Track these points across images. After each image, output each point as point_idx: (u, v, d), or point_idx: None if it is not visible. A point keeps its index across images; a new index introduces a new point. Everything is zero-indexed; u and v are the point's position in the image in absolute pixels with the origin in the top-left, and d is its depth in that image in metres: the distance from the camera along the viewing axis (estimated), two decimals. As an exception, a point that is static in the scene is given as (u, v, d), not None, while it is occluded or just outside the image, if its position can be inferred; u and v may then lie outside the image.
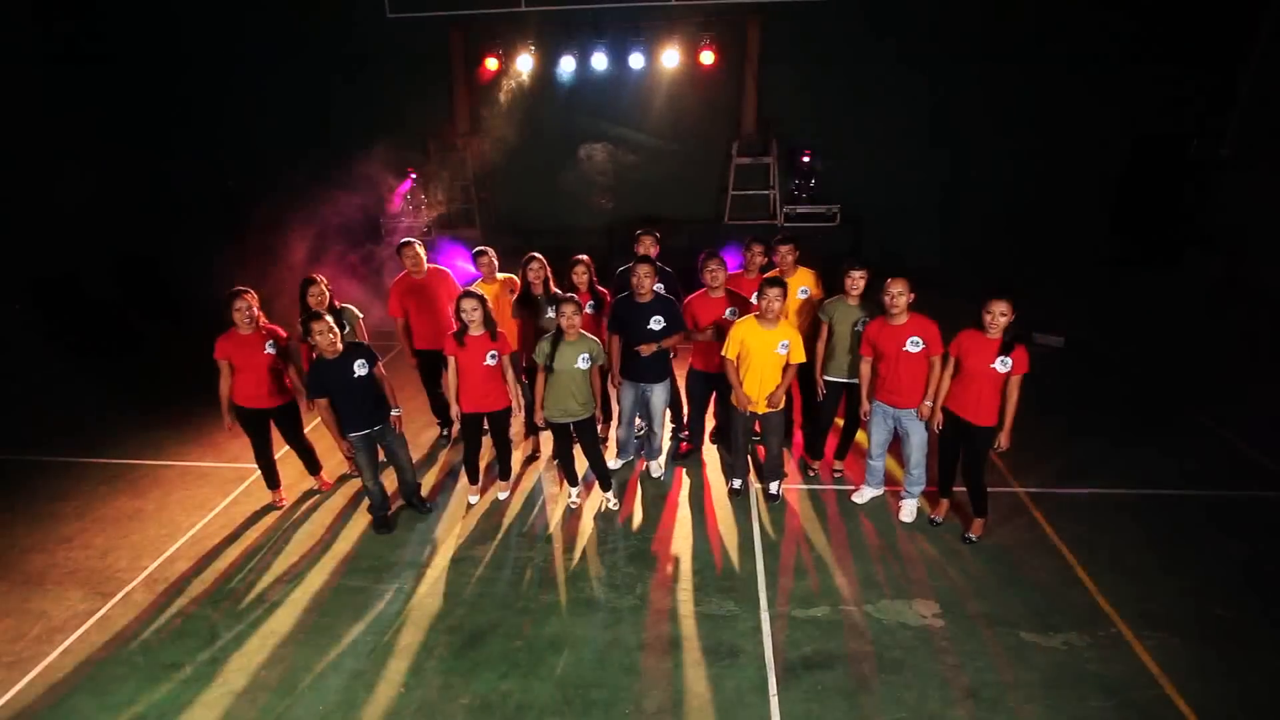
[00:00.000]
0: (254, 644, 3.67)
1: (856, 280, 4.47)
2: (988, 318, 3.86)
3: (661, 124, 9.99)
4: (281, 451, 4.92)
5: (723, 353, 4.40)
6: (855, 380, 4.66)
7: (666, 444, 5.47)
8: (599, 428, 4.70)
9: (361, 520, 4.72)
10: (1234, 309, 8.05)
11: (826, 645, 3.60)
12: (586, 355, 4.26)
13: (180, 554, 4.41)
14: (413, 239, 5.21)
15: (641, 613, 3.85)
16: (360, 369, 4.21)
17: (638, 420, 5.17)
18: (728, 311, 4.73)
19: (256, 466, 4.79)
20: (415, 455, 5.45)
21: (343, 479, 5.23)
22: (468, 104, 9.96)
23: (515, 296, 5.04)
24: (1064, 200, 9.71)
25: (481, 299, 4.28)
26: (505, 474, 4.88)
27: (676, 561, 4.25)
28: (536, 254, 4.92)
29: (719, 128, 10.01)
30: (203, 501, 4.96)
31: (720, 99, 9.84)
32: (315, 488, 5.07)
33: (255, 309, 4.39)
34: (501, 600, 3.96)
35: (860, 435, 5.22)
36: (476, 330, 4.29)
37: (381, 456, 4.49)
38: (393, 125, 9.67)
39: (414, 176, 9.92)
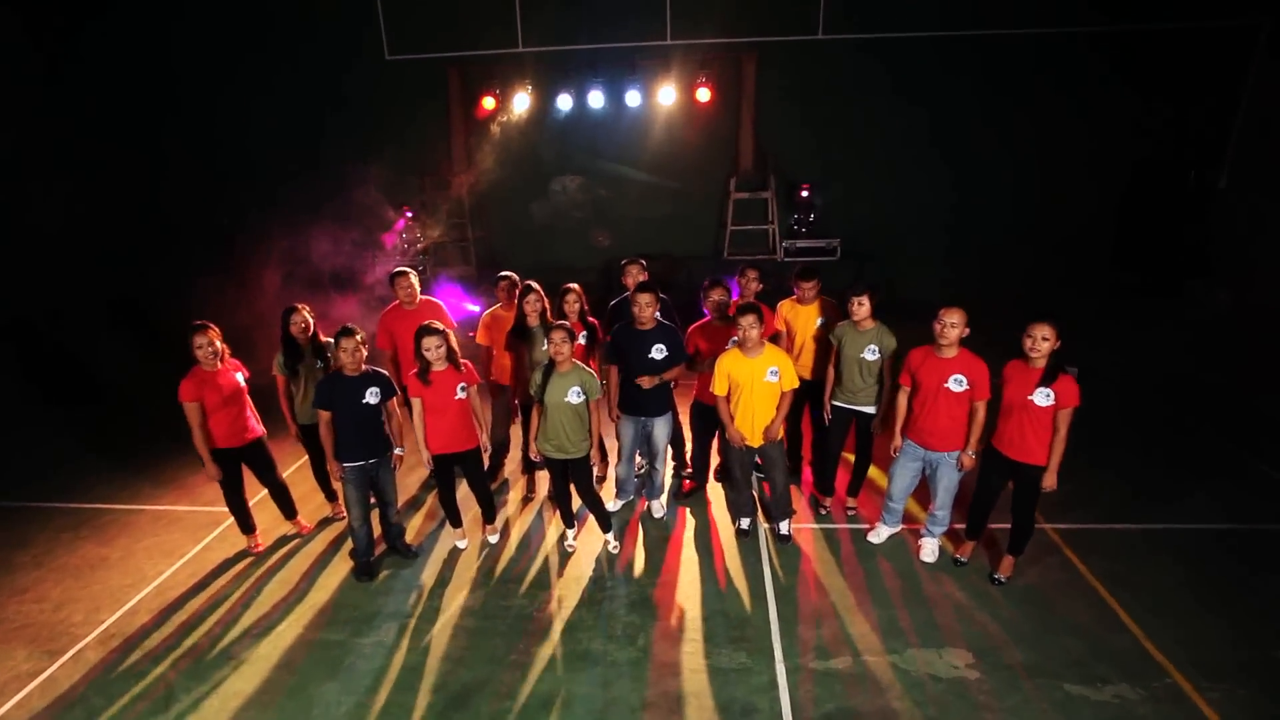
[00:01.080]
0: (213, 707, 3.31)
1: (857, 307, 4.25)
2: (1028, 342, 3.57)
3: (659, 161, 9.98)
4: (258, 497, 4.62)
5: (710, 389, 4.17)
6: (864, 409, 4.42)
7: (669, 482, 5.16)
8: (595, 469, 4.44)
9: (342, 567, 4.37)
10: (1242, 337, 7.86)
11: (851, 701, 3.24)
12: (578, 389, 4.00)
13: (142, 606, 4.06)
14: (407, 269, 5.01)
15: (644, 667, 3.50)
16: (372, 397, 3.98)
17: (638, 457, 4.89)
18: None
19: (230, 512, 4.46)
20: (401, 498, 5.14)
21: (324, 522, 4.89)
22: (464, 142, 9.97)
23: (510, 329, 4.78)
24: (1065, 230, 9.64)
25: (444, 334, 4.05)
26: (489, 517, 4.57)
27: (682, 609, 3.91)
28: (534, 284, 4.67)
29: (717, 163, 10.01)
30: (172, 548, 4.62)
31: (717, 135, 9.87)
32: (292, 532, 4.73)
33: (219, 344, 4.12)
34: (490, 654, 3.60)
35: (874, 472, 4.96)
36: (440, 365, 4.06)
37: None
38: (389, 163, 9.64)
39: (409, 215, 9.84)
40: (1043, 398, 3.57)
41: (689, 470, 5.19)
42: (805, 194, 9.51)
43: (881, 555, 4.35)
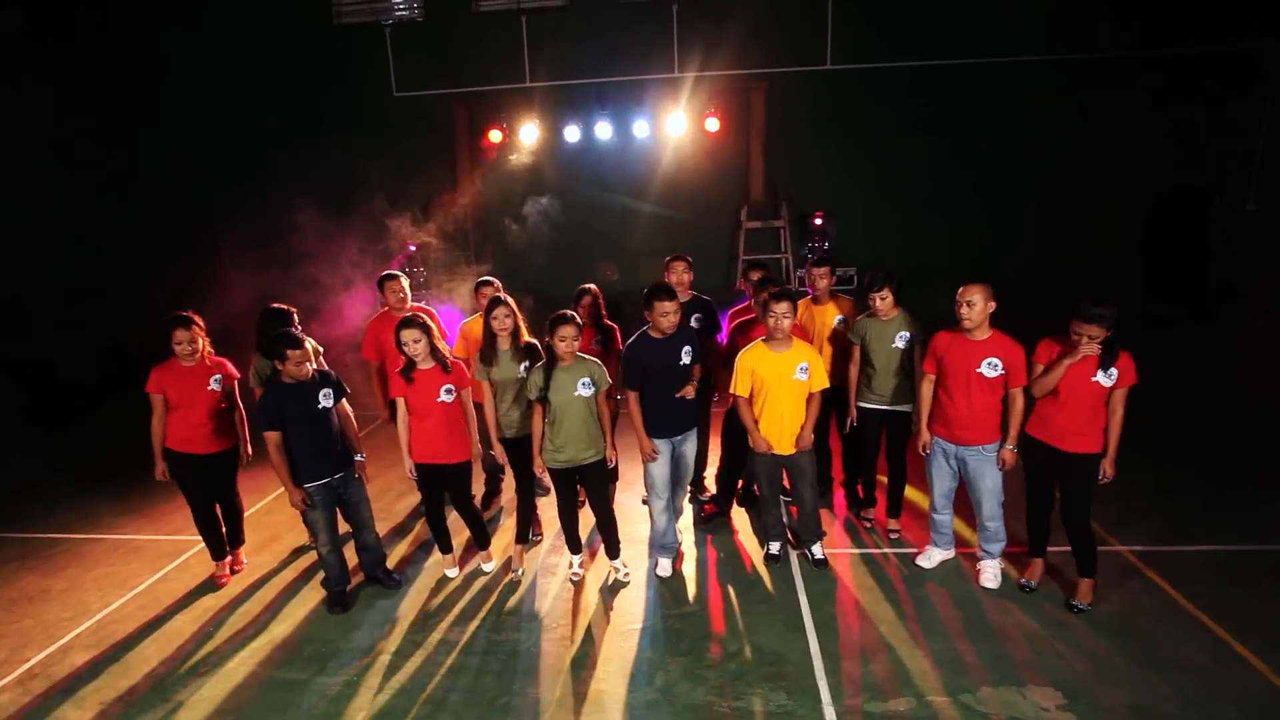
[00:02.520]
0: (139, 760, 2.71)
1: (879, 302, 3.87)
2: (1078, 338, 3.16)
3: (668, 193, 9.80)
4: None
5: (731, 390, 3.70)
6: (900, 407, 3.94)
7: (687, 506, 4.61)
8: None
9: (313, 597, 3.81)
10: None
11: (920, 752, 2.62)
12: (587, 379, 3.54)
13: (78, 642, 3.50)
14: (397, 272, 4.63)
15: (663, 711, 2.89)
16: (325, 400, 3.51)
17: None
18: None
19: (199, 535, 3.95)
20: (387, 525, 4.61)
21: (299, 551, 4.35)
22: (470, 174, 9.84)
23: (477, 351, 3.89)
24: (1093, 258, 9.28)
25: (425, 327, 3.58)
26: (483, 542, 4.01)
27: (706, 643, 3.31)
28: (504, 295, 3.87)
29: (727, 195, 9.81)
30: (125, 579, 4.08)
31: (727, 166, 9.71)
32: (216, 575, 4.03)
33: (201, 340, 3.74)
34: (480, 695, 3.01)
35: (915, 494, 4.42)
36: (425, 364, 3.61)
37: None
38: (395, 195, 9.49)
39: (413, 248, 9.62)
40: (1106, 378, 3.15)
41: (709, 494, 4.66)
42: (819, 222, 9.25)
43: (933, 581, 3.76)
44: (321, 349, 4.31)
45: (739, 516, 4.56)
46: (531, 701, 2.97)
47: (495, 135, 9.32)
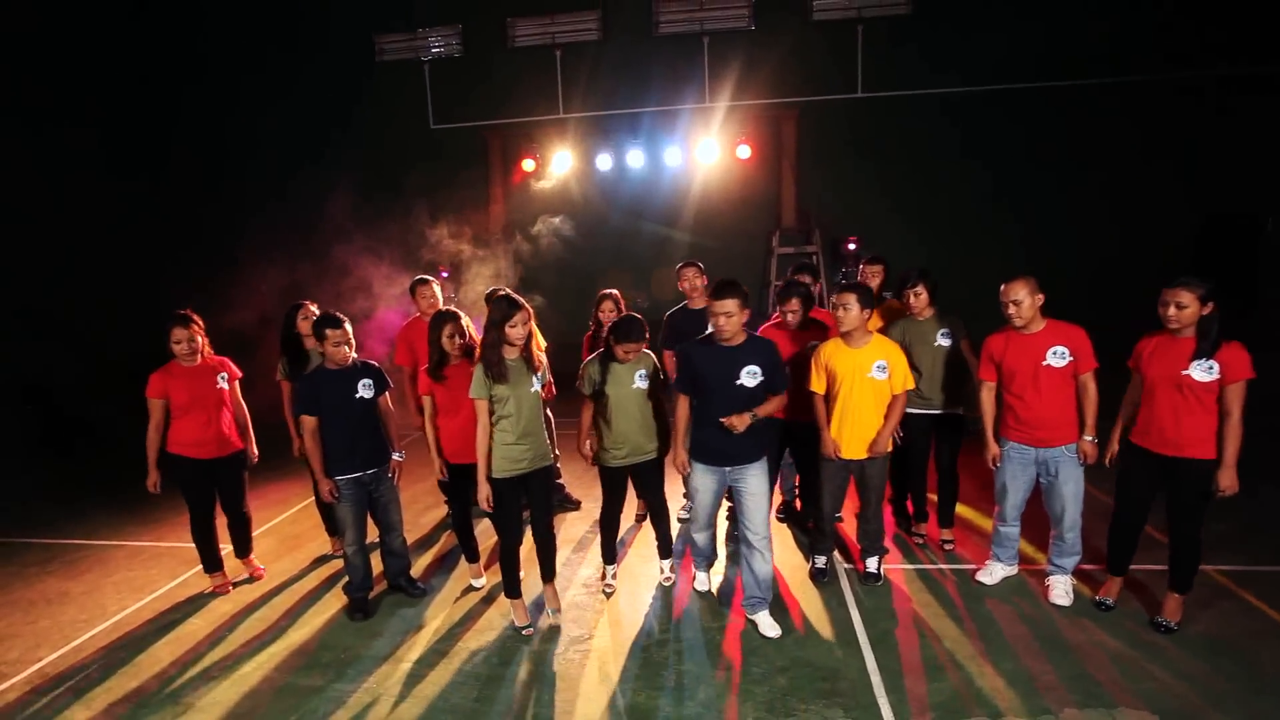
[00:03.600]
0: (143, 762, 2.53)
1: (914, 299, 3.70)
2: (1163, 310, 2.89)
3: (700, 219, 9.79)
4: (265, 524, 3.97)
5: (809, 387, 3.45)
6: (951, 410, 3.72)
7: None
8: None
9: (334, 604, 3.64)
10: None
11: (1001, 777, 2.31)
12: (643, 372, 3.39)
13: (92, 643, 3.35)
14: (429, 276, 4.59)
15: (707, 726, 2.63)
16: (365, 390, 3.41)
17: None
18: (808, 345, 3.84)
19: (195, 545, 3.78)
20: (412, 537, 4.44)
21: (321, 560, 4.19)
22: (503, 202, 9.97)
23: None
24: (1137, 284, 8.94)
25: (457, 319, 3.48)
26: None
27: (752, 657, 3.04)
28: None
29: (758, 223, 9.77)
30: (144, 584, 3.96)
31: (758, 194, 9.69)
32: (243, 576, 3.92)
33: (200, 339, 3.64)
34: (506, 707, 2.78)
35: (960, 507, 4.13)
36: (457, 360, 3.49)
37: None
38: (429, 223, 9.62)
39: (445, 274, 9.70)
40: (1203, 372, 2.82)
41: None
42: (852, 247, 9.11)
43: (996, 598, 3.44)
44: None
45: (777, 531, 4.29)
46: (561, 712, 2.72)
47: (528, 165, 9.47)
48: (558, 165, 9.42)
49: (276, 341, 3.97)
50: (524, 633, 3.26)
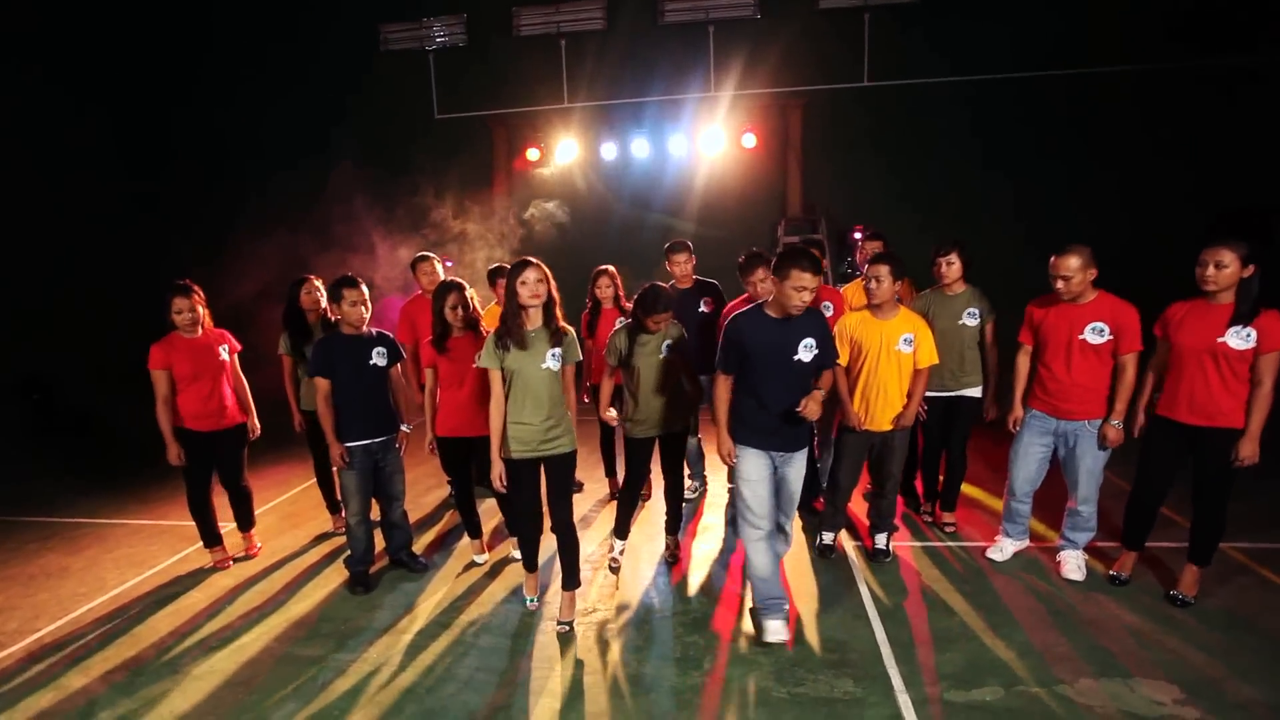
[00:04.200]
0: (139, 727, 2.48)
1: (946, 268, 3.60)
2: (1200, 272, 2.80)
3: (705, 209, 9.73)
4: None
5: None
6: (968, 392, 3.64)
7: (721, 495, 4.31)
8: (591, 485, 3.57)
9: (334, 578, 3.59)
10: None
11: (1016, 744, 2.25)
12: (670, 342, 3.34)
13: (90, 615, 3.31)
14: (430, 253, 4.56)
15: (714, 694, 2.57)
16: (379, 358, 3.39)
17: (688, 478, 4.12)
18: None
19: (193, 519, 3.73)
20: (415, 516, 4.39)
21: (321, 538, 4.15)
22: (507, 191, 9.94)
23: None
24: (1147, 276, 8.85)
25: (461, 290, 3.44)
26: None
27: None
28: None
29: (764, 211, 9.70)
30: (144, 559, 3.92)
31: (764, 182, 9.63)
32: (240, 553, 3.87)
33: (201, 310, 3.59)
34: (510, 678, 2.72)
35: (966, 487, 4.07)
36: (461, 332, 3.44)
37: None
38: (432, 207, 9.60)
39: (449, 264, 9.66)
40: (1239, 339, 2.74)
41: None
42: (858, 236, 9.03)
43: (1007, 574, 3.37)
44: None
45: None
46: (568, 683, 2.67)
47: (532, 154, 9.43)
48: (562, 154, 9.37)
49: (274, 334, 3.95)
50: (529, 605, 3.21)
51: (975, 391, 3.68)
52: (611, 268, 4.43)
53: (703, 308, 4.19)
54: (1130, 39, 8.54)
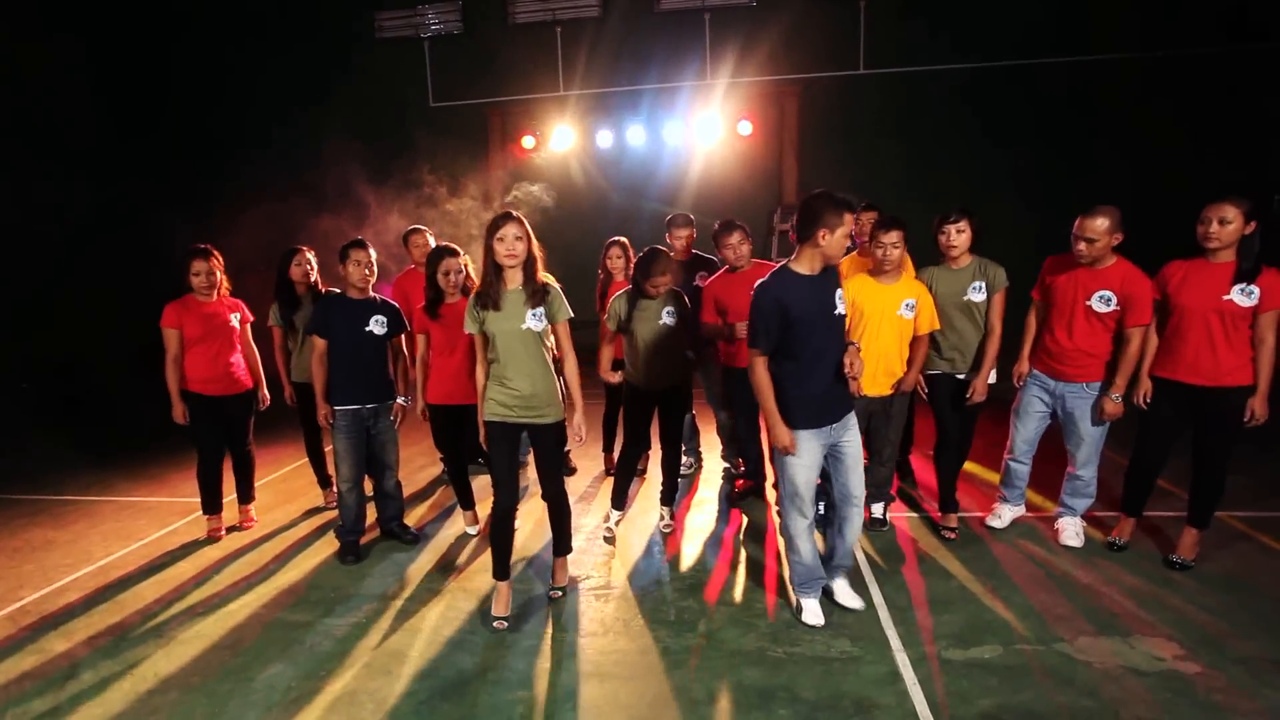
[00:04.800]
0: (120, 690, 2.43)
1: (955, 235, 3.23)
2: (1203, 229, 2.76)
3: (701, 197, 9.69)
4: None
5: None
6: (968, 373, 3.31)
7: (720, 470, 4.27)
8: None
9: (324, 550, 3.54)
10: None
11: (1016, 697, 2.22)
12: (671, 309, 3.30)
13: (75, 585, 3.26)
14: (422, 226, 4.51)
15: (709, 656, 2.53)
16: (377, 327, 3.35)
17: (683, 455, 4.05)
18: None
19: (199, 485, 3.70)
20: (408, 491, 4.34)
21: (312, 512, 4.09)
22: (502, 180, 9.88)
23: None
24: (1152, 258, 8.85)
25: (456, 255, 3.37)
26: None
27: (752, 595, 2.95)
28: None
29: (760, 199, 9.67)
30: (131, 533, 3.86)
31: (760, 170, 9.60)
32: (211, 530, 3.78)
33: (220, 274, 3.61)
34: (499, 640, 2.68)
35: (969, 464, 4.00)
36: (454, 298, 3.38)
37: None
38: (427, 202, 9.55)
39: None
40: (1244, 296, 2.71)
41: (741, 467, 4.31)
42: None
43: (1004, 541, 3.34)
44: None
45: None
46: (558, 645, 2.63)
47: (528, 141, 9.39)
48: (558, 142, 9.33)
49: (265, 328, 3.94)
50: (494, 625, 2.74)
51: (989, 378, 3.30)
52: (624, 239, 4.37)
53: (696, 281, 4.15)
54: (1131, 25, 8.53)
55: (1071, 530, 3.25)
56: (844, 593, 2.80)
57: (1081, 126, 8.90)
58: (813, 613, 2.70)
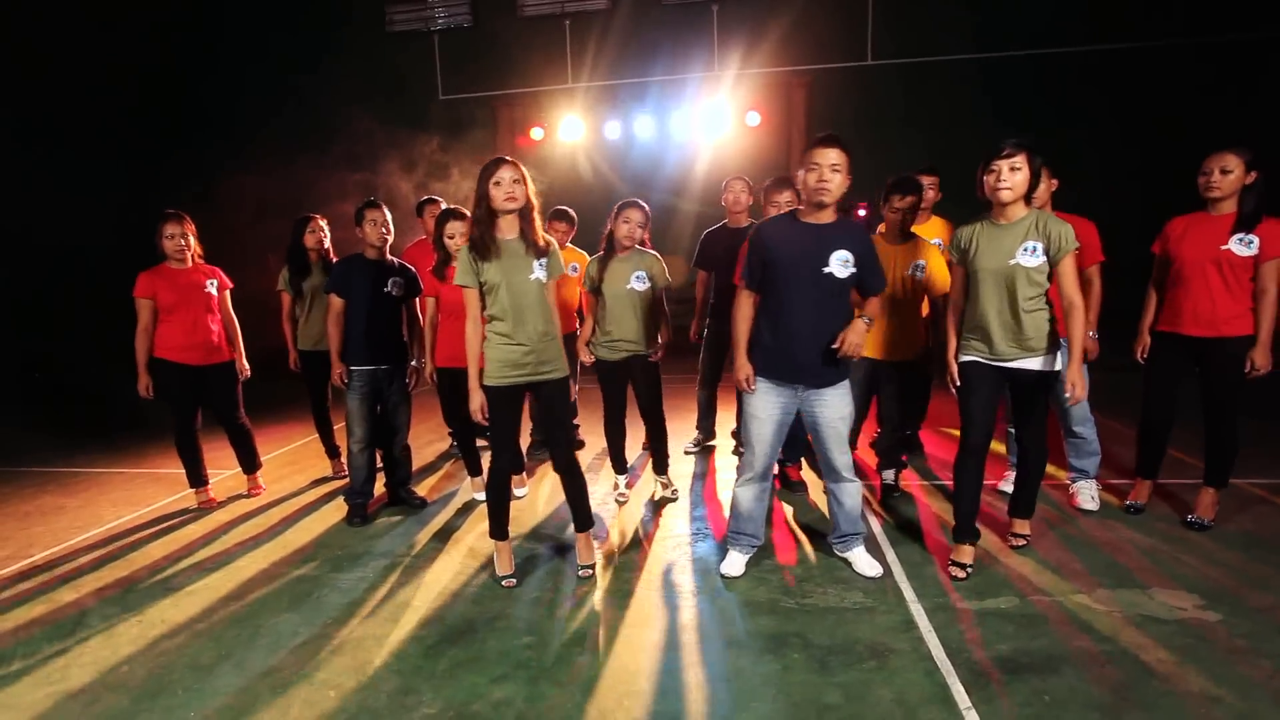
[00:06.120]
0: (128, 635, 2.42)
1: (1008, 173, 2.37)
2: (1204, 180, 2.74)
3: (708, 187, 9.69)
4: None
5: None
6: (1027, 363, 2.48)
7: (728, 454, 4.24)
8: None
9: (332, 514, 3.53)
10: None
11: (1033, 643, 2.17)
12: (642, 274, 3.28)
13: (84, 546, 3.26)
14: (437, 197, 4.52)
15: (720, 605, 2.50)
16: (394, 288, 3.38)
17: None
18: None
19: (179, 456, 3.61)
20: (417, 464, 4.33)
21: (320, 481, 4.09)
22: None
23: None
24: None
25: (465, 218, 3.32)
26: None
27: (766, 551, 2.91)
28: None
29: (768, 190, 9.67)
30: (141, 500, 3.87)
31: (769, 161, 9.57)
32: (242, 491, 3.84)
33: (192, 239, 3.55)
34: (507, 592, 2.66)
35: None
36: None
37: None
38: (435, 191, 9.59)
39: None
40: (1242, 245, 2.69)
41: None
42: (863, 213, 8.99)
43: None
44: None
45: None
46: (565, 596, 2.61)
47: (536, 133, 9.42)
48: (566, 134, 9.35)
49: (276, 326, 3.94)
50: (504, 584, 2.68)
51: (1035, 363, 2.47)
52: (639, 203, 4.34)
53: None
54: (1140, 14, 8.49)
55: (1087, 494, 3.21)
56: (862, 561, 2.68)
57: (1093, 115, 8.84)
58: (731, 563, 2.68)
